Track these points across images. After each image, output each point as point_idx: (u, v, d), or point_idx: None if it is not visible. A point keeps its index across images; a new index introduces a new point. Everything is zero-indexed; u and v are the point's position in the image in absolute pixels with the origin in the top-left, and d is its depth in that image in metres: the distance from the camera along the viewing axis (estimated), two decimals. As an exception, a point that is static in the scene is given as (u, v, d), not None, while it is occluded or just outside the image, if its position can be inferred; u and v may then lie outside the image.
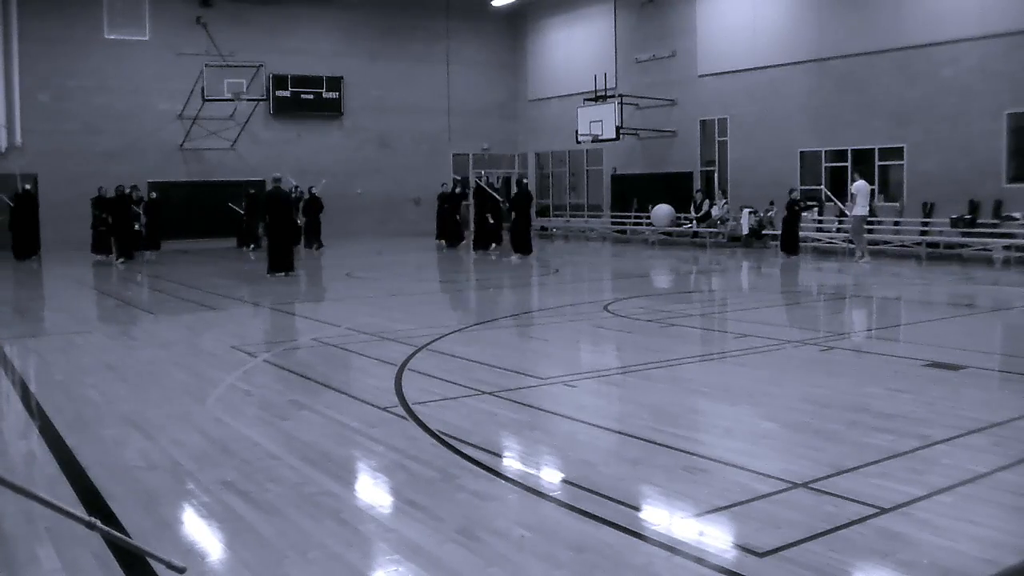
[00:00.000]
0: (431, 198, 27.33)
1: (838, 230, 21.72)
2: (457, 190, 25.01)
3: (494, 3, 30.54)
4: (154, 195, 24.10)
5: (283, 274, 16.57)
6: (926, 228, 20.02)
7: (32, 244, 22.23)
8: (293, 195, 22.11)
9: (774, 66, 23.62)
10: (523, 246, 20.49)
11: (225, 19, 27.71)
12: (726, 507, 4.31)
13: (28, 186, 22.44)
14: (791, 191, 20.52)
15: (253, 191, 23.93)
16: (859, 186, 18.44)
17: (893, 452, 5.12)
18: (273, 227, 16.83)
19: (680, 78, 26.58)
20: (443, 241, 24.90)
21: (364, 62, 29.97)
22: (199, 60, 26.41)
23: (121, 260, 20.25)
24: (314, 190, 23.99)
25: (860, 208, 18.32)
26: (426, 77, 31.21)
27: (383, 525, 4.23)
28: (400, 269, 18.87)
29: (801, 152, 23.16)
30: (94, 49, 26.09)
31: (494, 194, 22.69)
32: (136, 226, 21.98)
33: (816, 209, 22.28)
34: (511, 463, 5.27)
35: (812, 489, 4.53)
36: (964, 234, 19.01)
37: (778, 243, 20.47)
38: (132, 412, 6.50)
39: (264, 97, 27.70)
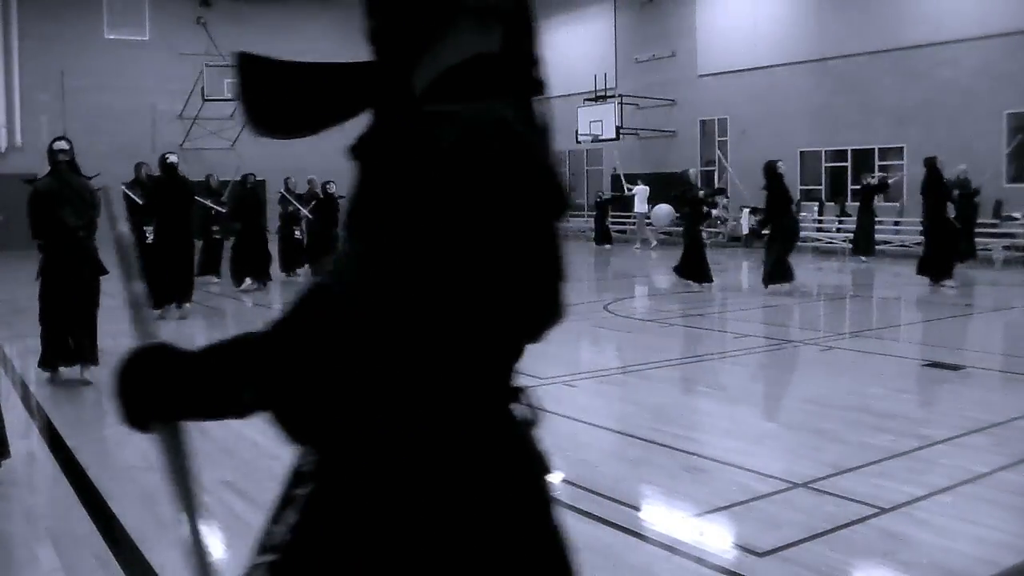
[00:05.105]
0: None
1: (838, 230, 21.74)
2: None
3: (494, 3, 30.52)
4: (332, 188, 15.99)
5: None
6: (926, 228, 19.99)
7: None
8: None
9: (774, 66, 23.60)
10: None
11: (225, 19, 27.71)
12: (726, 507, 4.31)
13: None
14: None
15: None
16: (639, 189, 24.05)
17: (893, 452, 5.12)
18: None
19: (680, 78, 26.56)
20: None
21: (364, 62, 29.94)
22: (199, 60, 26.41)
23: (246, 286, 14.52)
24: None
25: (640, 206, 23.89)
26: (426, 77, 31.17)
27: (383, 525, 4.21)
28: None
29: (801, 152, 23.16)
30: (94, 49, 26.09)
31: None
32: (296, 233, 16.18)
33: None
34: (511, 463, 5.25)
35: (812, 489, 4.52)
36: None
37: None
38: (132, 412, 6.48)
39: (264, 97, 27.68)
